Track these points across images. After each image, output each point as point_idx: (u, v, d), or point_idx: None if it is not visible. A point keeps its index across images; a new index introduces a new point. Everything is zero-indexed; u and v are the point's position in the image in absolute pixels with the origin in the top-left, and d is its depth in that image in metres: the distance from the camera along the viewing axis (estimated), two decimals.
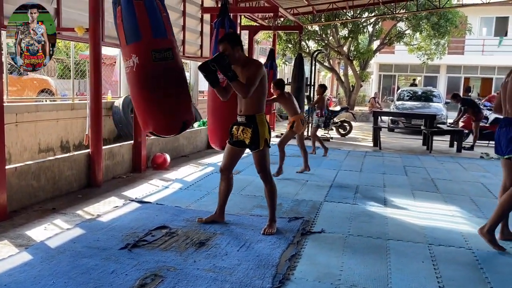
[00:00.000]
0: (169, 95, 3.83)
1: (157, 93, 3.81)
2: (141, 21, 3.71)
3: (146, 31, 3.71)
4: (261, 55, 24.16)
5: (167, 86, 3.80)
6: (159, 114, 3.87)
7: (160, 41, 3.77)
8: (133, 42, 3.75)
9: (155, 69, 3.74)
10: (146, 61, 3.70)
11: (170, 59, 3.80)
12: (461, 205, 5.21)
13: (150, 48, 3.71)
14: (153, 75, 3.74)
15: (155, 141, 7.18)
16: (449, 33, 17.86)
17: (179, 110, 3.94)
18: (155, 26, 3.77)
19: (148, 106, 3.86)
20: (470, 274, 3.25)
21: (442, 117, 13.50)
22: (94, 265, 3.13)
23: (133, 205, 4.72)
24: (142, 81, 3.78)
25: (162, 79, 3.77)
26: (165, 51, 3.77)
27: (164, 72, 3.77)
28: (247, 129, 3.86)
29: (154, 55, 3.71)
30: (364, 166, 7.59)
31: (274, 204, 4.05)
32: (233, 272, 3.10)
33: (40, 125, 6.75)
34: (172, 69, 3.86)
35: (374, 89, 27.06)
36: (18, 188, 4.43)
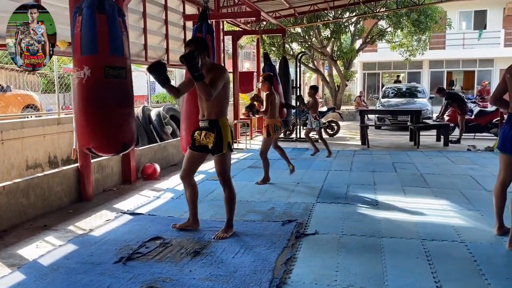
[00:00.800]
0: (114, 115, 3.80)
1: (103, 111, 3.76)
2: (100, 34, 3.70)
3: (104, 46, 3.69)
4: (245, 60, 24.21)
5: (114, 104, 3.77)
6: (101, 132, 3.82)
7: (116, 58, 3.76)
8: (88, 54, 3.72)
9: (105, 85, 3.71)
10: (98, 76, 3.67)
11: (122, 77, 3.79)
12: (451, 198, 5.27)
13: (104, 63, 3.69)
14: (102, 91, 3.71)
15: (144, 152, 7.15)
16: (429, 29, 18.08)
17: (121, 131, 3.90)
18: (114, 43, 3.76)
19: (91, 121, 3.80)
20: (464, 268, 3.29)
21: (428, 112, 13.63)
22: (89, 281, 3.10)
23: (125, 217, 4.69)
24: (90, 95, 3.73)
25: (110, 96, 3.75)
26: (118, 69, 3.76)
27: (114, 90, 3.75)
28: (210, 133, 3.87)
29: (107, 71, 3.69)
30: (354, 165, 7.63)
31: (232, 209, 4.04)
32: (229, 280, 3.10)
33: (26, 142, 6.68)
34: (122, 88, 3.84)
35: (359, 88, 27.29)
36: (7, 207, 4.37)
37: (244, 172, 7.13)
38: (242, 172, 7.08)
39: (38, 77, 12.31)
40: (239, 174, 6.90)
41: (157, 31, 8.58)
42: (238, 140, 10.96)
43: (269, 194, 5.58)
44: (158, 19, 8.64)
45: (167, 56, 8.87)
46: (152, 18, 8.36)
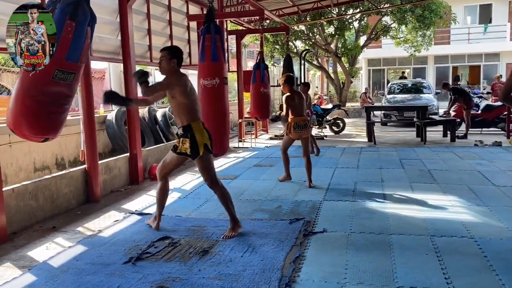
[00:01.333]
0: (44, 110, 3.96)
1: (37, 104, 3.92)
2: (63, 40, 3.83)
3: (62, 51, 3.84)
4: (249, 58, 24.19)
5: (48, 102, 3.93)
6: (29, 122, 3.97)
7: (69, 64, 3.92)
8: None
9: (49, 85, 3.88)
10: (46, 75, 3.81)
11: (68, 81, 3.96)
12: (459, 194, 5.24)
13: (56, 66, 3.83)
14: (43, 88, 3.88)
15: (150, 152, 7.17)
16: (434, 24, 17.96)
17: (44, 127, 4.05)
18: (72, 51, 3.92)
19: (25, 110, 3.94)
20: (474, 263, 3.27)
21: (434, 108, 13.57)
22: (99, 282, 3.12)
23: (134, 217, 4.71)
24: (29, 88, 3.89)
25: (48, 94, 3.91)
26: (67, 73, 3.93)
27: (55, 89, 3.92)
28: (185, 139, 3.93)
29: (56, 73, 3.85)
30: (361, 162, 7.61)
31: (230, 207, 4.06)
32: (239, 278, 3.10)
33: (34, 144, 6.70)
34: (64, 90, 3.99)
35: (364, 85, 27.19)
36: (17, 209, 4.40)
37: (250, 170, 7.12)
38: (248, 171, 7.08)
39: None
40: (245, 173, 6.90)
41: (161, 32, 8.60)
42: (243, 139, 10.97)
43: (275, 193, 5.58)
44: (162, 20, 8.66)
45: None
46: (156, 19, 8.38)
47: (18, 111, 3.93)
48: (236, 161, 8.18)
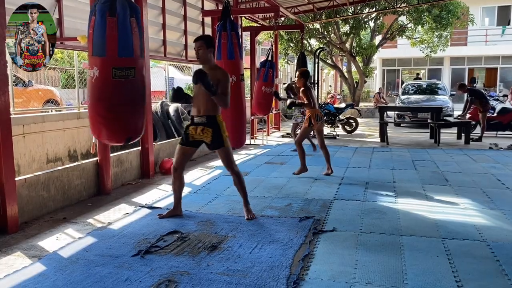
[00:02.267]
0: (116, 112, 3.96)
1: (106, 108, 3.93)
2: (109, 37, 3.78)
3: (112, 49, 3.79)
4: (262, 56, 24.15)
5: (117, 103, 3.92)
6: (105, 126, 4.04)
7: (124, 59, 3.86)
8: (97, 55, 3.83)
9: (111, 86, 3.85)
10: (105, 76, 3.79)
11: (130, 77, 3.90)
12: (472, 197, 5.17)
13: (111, 65, 3.80)
14: (107, 90, 3.86)
15: (162, 147, 7.19)
16: (451, 25, 17.74)
17: (122, 127, 4.09)
18: (122, 45, 3.85)
19: (96, 116, 4.00)
20: (486, 267, 3.22)
21: (449, 110, 13.42)
22: (108, 273, 3.13)
23: (144, 211, 4.72)
24: (97, 93, 3.89)
25: (115, 96, 3.89)
26: (126, 70, 3.87)
27: (120, 90, 3.88)
28: (207, 129, 4.14)
29: (114, 72, 3.81)
30: (373, 162, 7.55)
31: (245, 189, 4.43)
32: (247, 275, 3.09)
33: (47, 136, 6.77)
34: (129, 87, 3.95)
35: (378, 85, 26.98)
36: (29, 199, 4.44)
37: (261, 168, 7.11)
38: (259, 168, 7.06)
39: (59, 73, 12.48)
40: (256, 170, 6.88)
41: (176, 27, 8.61)
42: (255, 136, 10.95)
43: (286, 190, 5.56)
44: (177, 15, 8.66)
45: (186, 52, 8.90)
46: (171, 13, 8.39)
47: (93, 118, 4.03)
48: (247, 158, 8.17)
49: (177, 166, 4.33)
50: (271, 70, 9.91)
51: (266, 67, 9.90)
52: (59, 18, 5.58)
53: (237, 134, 5.79)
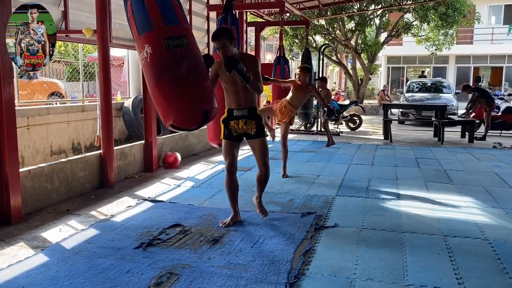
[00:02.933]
0: (184, 84, 3.48)
1: (172, 82, 3.47)
2: (151, 10, 3.48)
3: (157, 20, 3.47)
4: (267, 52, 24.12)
5: (182, 74, 3.48)
6: (175, 104, 3.50)
7: (172, 28, 3.52)
8: (144, 32, 3.51)
9: (168, 57, 3.46)
10: (159, 50, 3.45)
11: (185, 46, 3.51)
12: (475, 195, 5.16)
13: (162, 36, 3.46)
14: (166, 63, 3.46)
15: (165, 141, 7.21)
16: (457, 23, 17.64)
17: (196, 100, 3.52)
18: (166, 14, 3.53)
19: (163, 96, 3.53)
20: (488, 265, 3.22)
21: (453, 108, 13.36)
22: (110, 265, 3.15)
23: (146, 204, 4.74)
24: (156, 71, 3.50)
25: (177, 67, 3.47)
26: (178, 38, 3.49)
27: (179, 60, 3.49)
28: (250, 121, 3.93)
29: (167, 43, 3.44)
30: (376, 159, 7.54)
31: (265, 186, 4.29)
32: (248, 268, 3.10)
33: (51, 128, 6.80)
34: (188, 56, 3.54)
35: (382, 82, 26.91)
36: (32, 191, 4.47)
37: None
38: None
39: (64, 66, 12.52)
40: None
41: None
42: None
43: (288, 186, 5.56)
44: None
45: None
46: None
47: (159, 102, 3.54)
48: (250, 153, 8.15)
49: (230, 167, 4.01)
50: (286, 66, 9.89)
51: (281, 64, 9.88)
52: (64, 11, 5.58)
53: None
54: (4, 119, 3.98)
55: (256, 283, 2.88)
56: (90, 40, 5.61)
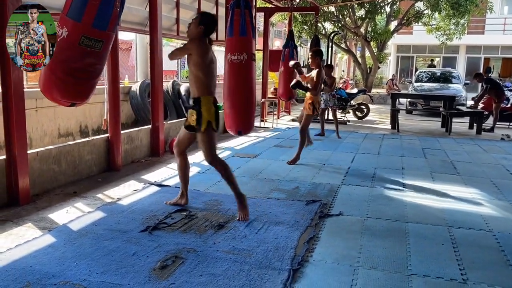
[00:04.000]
0: (74, 77, 3.85)
1: (65, 70, 3.82)
2: (90, 6, 3.74)
3: (89, 18, 3.74)
4: (276, 38, 23.95)
5: (78, 68, 3.84)
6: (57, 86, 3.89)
7: (96, 31, 3.81)
8: (71, 19, 3.77)
9: (75, 51, 3.77)
10: (73, 40, 3.74)
11: (97, 49, 3.86)
12: (481, 187, 5.14)
13: (82, 32, 3.75)
14: (70, 54, 3.78)
15: (172, 125, 7.22)
16: (469, 12, 17.37)
17: (72, 93, 3.95)
18: (100, 18, 3.80)
19: (53, 74, 3.85)
20: (491, 257, 3.22)
21: (462, 99, 13.27)
22: (116, 247, 3.19)
23: (152, 188, 4.78)
24: (56, 52, 3.77)
25: (77, 61, 3.82)
26: (95, 41, 3.83)
27: (83, 57, 3.83)
28: (193, 111, 3.82)
29: (82, 40, 3.76)
30: (382, 149, 7.52)
31: (234, 184, 3.92)
32: (252, 254, 3.13)
33: (59, 110, 6.84)
34: (94, 58, 3.89)
35: (391, 71, 26.69)
36: (40, 172, 4.51)
37: (270, 150, 7.12)
38: (268, 151, 7.08)
39: None
40: (265, 153, 6.90)
41: (189, 5, 8.55)
42: (265, 119, 10.94)
43: (294, 174, 5.58)
44: None
45: None
46: None
47: (47, 76, 3.91)
48: (256, 140, 8.19)
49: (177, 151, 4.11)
50: (294, 50, 9.84)
51: (290, 47, 9.83)
52: None
53: (244, 117, 5.67)
54: (12, 101, 4.01)
55: (260, 269, 2.91)
56: None
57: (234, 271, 2.87)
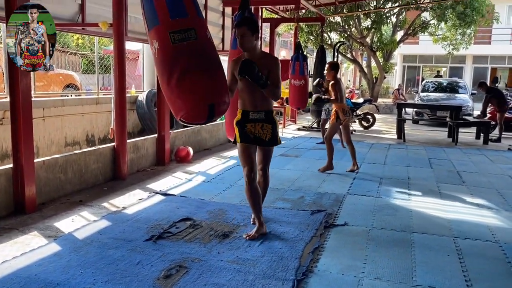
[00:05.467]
0: (187, 78, 3.37)
1: (176, 77, 3.38)
2: (157, 4, 3.41)
3: (164, 14, 3.38)
4: (282, 48, 24.06)
5: (187, 68, 3.38)
6: (181, 99, 3.42)
7: (179, 21, 3.40)
8: (152, 27, 3.45)
9: (174, 52, 3.38)
10: (165, 44, 3.37)
11: (192, 39, 3.39)
12: (487, 198, 5.11)
13: (167, 30, 3.37)
14: (171, 58, 3.39)
15: (178, 135, 7.25)
16: (475, 23, 17.37)
17: (200, 94, 3.38)
18: (172, 7, 3.42)
19: (170, 91, 3.45)
20: (497, 268, 3.20)
21: (468, 109, 13.21)
22: (120, 256, 3.20)
23: (158, 197, 4.79)
24: (162, 66, 3.44)
25: (182, 61, 3.38)
26: (185, 32, 3.38)
27: (186, 54, 3.39)
28: (267, 125, 3.62)
29: (172, 37, 3.36)
30: (388, 159, 7.50)
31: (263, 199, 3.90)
32: (256, 264, 3.12)
33: (66, 119, 6.89)
34: (194, 49, 3.42)
35: (398, 81, 26.66)
36: (46, 181, 4.54)
37: (275, 160, 7.10)
38: (273, 160, 7.01)
39: (79, 58, 12.65)
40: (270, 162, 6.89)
41: None
42: None
43: (299, 183, 5.57)
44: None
45: None
46: None
47: (168, 97, 3.46)
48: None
49: (250, 173, 3.68)
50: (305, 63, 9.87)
51: (300, 60, 9.85)
52: (81, 4, 5.65)
53: None
54: (20, 110, 4.05)
55: (264, 279, 2.91)
56: (106, 33, 5.67)
57: (238, 281, 2.87)
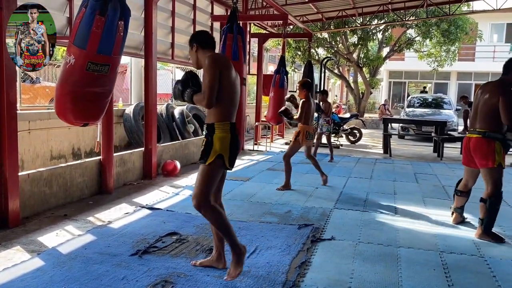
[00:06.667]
0: (80, 103, 4.05)
1: (76, 93, 3.99)
2: (93, 34, 3.87)
3: (93, 45, 3.87)
4: (270, 63, 24.23)
5: (88, 92, 4.01)
6: (71, 109, 4.08)
7: (101, 57, 3.95)
8: (78, 46, 3.89)
9: (84, 76, 3.94)
10: (80, 65, 3.88)
11: (103, 72, 4.01)
12: (472, 212, 5.14)
13: (88, 59, 3.88)
14: (78, 77, 3.94)
15: (165, 148, 7.22)
16: (459, 40, 17.75)
17: (85, 114, 4.18)
18: (104, 44, 3.93)
19: (60, 94, 4.05)
20: (482, 282, 3.22)
21: (453, 124, 13.41)
22: (105, 271, 3.15)
23: (144, 211, 4.75)
24: (66, 76, 3.96)
25: (86, 85, 3.99)
26: (101, 65, 3.97)
27: (92, 80, 3.99)
28: (204, 139, 3.04)
29: (89, 65, 3.90)
30: (374, 173, 7.55)
31: (227, 234, 3.02)
32: (243, 279, 3.10)
33: (52, 132, 6.82)
34: (101, 81, 4.06)
35: (384, 96, 27.01)
36: (31, 195, 4.48)
37: (263, 174, 7.13)
38: (261, 174, 7.08)
39: None
40: (258, 176, 6.90)
41: (184, 31, 8.68)
42: (258, 142, 10.98)
43: (286, 197, 5.57)
44: (186, 19, 8.74)
45: None
46: (181, 17, 8.46)
47: (60, 100, 4.08)
48: (250, 163, 8.19)
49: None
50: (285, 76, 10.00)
51: (282, 73, 9.97)
52: (69, 17, 5.65)
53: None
54: (5, 123, 4.00)
55: None
56: None
57: None
